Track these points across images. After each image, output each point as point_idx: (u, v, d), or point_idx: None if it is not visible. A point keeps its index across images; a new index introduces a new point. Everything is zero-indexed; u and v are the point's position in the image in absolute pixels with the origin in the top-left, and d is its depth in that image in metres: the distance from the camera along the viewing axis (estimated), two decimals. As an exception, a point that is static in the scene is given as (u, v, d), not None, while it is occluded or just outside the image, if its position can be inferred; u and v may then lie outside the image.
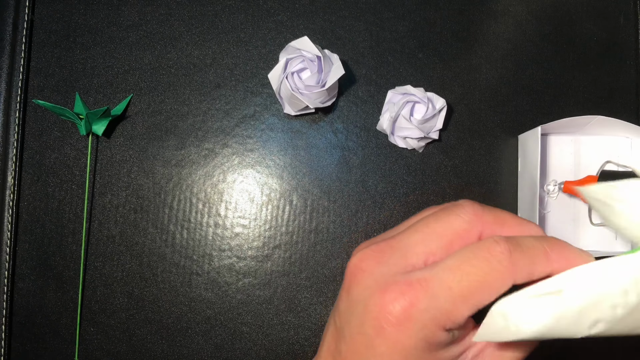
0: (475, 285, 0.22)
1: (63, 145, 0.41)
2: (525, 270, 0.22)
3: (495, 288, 0.22)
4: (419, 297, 0.23)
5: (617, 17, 0.42)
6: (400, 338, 0.23)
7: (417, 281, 0.23)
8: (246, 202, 0.41)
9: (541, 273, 0.23)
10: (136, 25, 0.42)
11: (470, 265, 0.23)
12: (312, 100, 0.38)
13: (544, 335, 0.21)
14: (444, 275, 0.23)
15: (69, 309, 0.40)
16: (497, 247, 0.23)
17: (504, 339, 0.21)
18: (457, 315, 0.23)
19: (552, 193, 0.40)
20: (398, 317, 0.23)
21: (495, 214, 0.25)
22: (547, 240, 0.23)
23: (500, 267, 0.22)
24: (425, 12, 0.42)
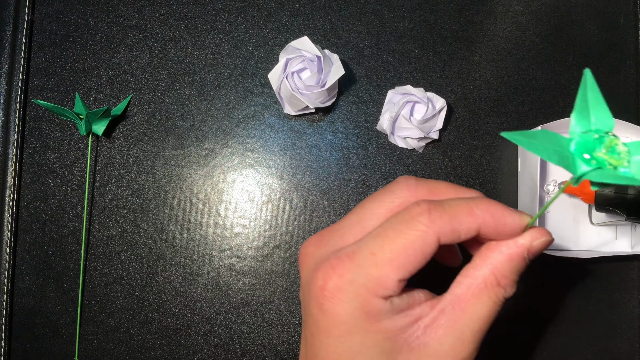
0: (396, 247, 0.23)
1: (63, 145, 0.41)
2: (448, 227, 0.23)
3: (419, 248, 0.23)
4: (347, 267, 0.23)
5: (617, 17, 0.42)
6: (336, 310, 0.23)
7: (346, 254, 0.24)
8: (246, 202, 0.41)
9: (468, 229, 0.23)
10: (136, 25, 0.42)
11: (392, 229, 0.23)
12: (312, 100, 0.38)
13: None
14: (369, 243, 0.23)
15: (69, 309, 0.40)
16: (417, 209, 0.23)
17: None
18: (386, 280, 0.23)
19: (552, 193, 0.40)
20: (331, 291, 0.23)
21: (430, 186, 0.26)
22: (474, 199, 0.24)
23: (420, 225, 0.23)
24: (425, 12, 0.42)
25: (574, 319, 0.40)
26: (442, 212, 0.23)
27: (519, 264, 0.24)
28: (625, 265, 0.40)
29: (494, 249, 0.24)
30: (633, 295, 0.40)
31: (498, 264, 0.24)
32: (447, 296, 0.24)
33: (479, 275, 0.24)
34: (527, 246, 0.24)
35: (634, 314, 0.40)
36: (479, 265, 0.24)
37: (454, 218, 0.23)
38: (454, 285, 0.24)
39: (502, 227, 0.23)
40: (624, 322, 0.40)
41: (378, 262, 0.23)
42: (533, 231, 0.24)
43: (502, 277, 0.24)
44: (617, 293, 0.40)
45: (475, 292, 0.24)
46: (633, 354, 0.40)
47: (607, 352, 0.40)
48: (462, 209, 0.23)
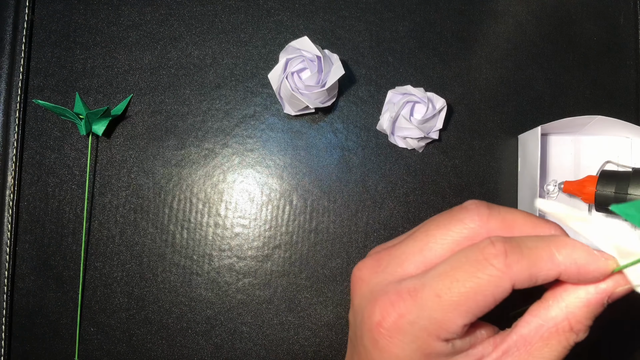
0: (465, 292, 0.21)
1: (63, 145, 0.41)
2: (525, 274, 0.21)
3: (490, 294, 0.21)
4: (408, 307, 0.22)
5: (617, 17, 0.42)
6: (393, 350, 0.22)
7: (407, 291, 0.22)
8: (246, 202, 0.41)
9: (547, 276, 0.21)
10: (136, 25, 0.42)
11: (461, 270, 0.21)
12: (312, 100, 0.38)
13: None
14: (434, 283, 0.22)
15: (69, 309, 0.40)
16: (491, 249, 0.21)
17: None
18: (449, 325, 0.21)
19: (552, 193, 0.40)
20: (389, 329, 0.22)
21: (504, 216, 0.23)
22: (555, 239, 0.21)
23: (494, 270, 0.21)
24: (425, 12, 0.42)
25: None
26: (520, 257, 0.21)
27: (597, 310, 0.22)
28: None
29: (571, 292, 0.22)
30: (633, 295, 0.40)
31: (574, 308, 0.22)
32: (512, 336, 0.22)
33: (551, 319, 0.22)
34: (609, 293, 0.22)
35: (633, 315, 0.40)
36: (552, 306, 0.22)
37: (532, 264, 0.21)
38: (521, 325, 0.22)
39: (584, 275, 0.21)
40: (624, 322, 0.40)
41: (444, 306, 0.21)
42: (618, 277, 0.22)
43: (576, 322, 0.22)
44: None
45: (544, 336, 0.22)
46: (633, 354, 0.40)
47: (606, 352, 0.40)
48: (543, 255, 0.21)
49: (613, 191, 0.35)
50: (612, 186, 0.35)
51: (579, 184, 0.37)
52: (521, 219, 0.23)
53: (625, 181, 0.35)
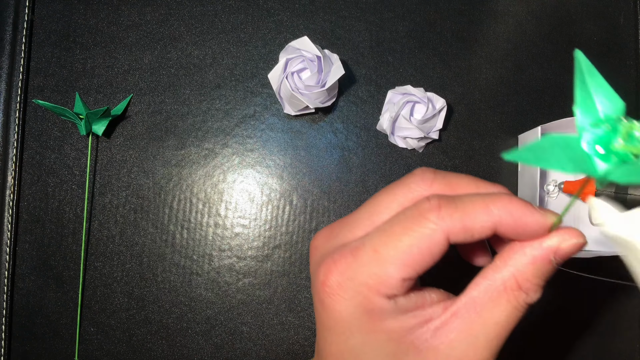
0: (401, 245, 0.21)
1: (63, 145, 0.41)
2: (459, 225, 0.21)
3: (426, 247, 0.21)
4: (348, 264, 0.22)
5: (617, 17, 0.42)
6: (337, 308, 0.22)
7: (349, 250, 0.23)
8: (246, 202, 0.41)
9: (482, 228, 0.21)
10: (136, 25, 0.42)
11: (398, 226, 0.22)
12: (312, 100, 0.38)
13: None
14: (373, 240, 0.22)
15: (69, 309, 0.40)
16: (426, 205, 0.22)
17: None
18: (387, 279, 0.21)
19: (552, 193, 0.40)
20: (331, 287, 0.22)
21: (449, 180, 0.24)
22: (493, 195, 0.22)
23: (428, 222, 0.21)
24: (425, 12, 0.42)
25: (573, 319, 0.40)
26: (454, 209, 0.21)
27: (544, 268, 0.22)
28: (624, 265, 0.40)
29: (517, 250, 0.22)
30: (633, 296, 0.40)
31: (520, 266, 0.22)
32: (462, 298, 0.22)
33: (499, 278, 0.22)
34: (554, 249, 0.22)
35: (634, 314, 0.40)
36: (500, 266, 0.22)
37: (466, 215, 0.21)
38: (471, 287, 0.23)
39: (522, 227, 0.21)
40: (624, 322, 0.40)
41: (381, 260, 0.21)
42: (563, 232, 0.22)
43: (524, 280, 0.22)
44: (617, 293, 0.40)
45: (493, 296, 0.22)
46: (633, 355, 0.40)
47: (606, 352, 0.40)
48: (477, 206, 0.21)
49: (613, 191, 0.35)
50: (612, 186, 0.35)
51: (578, 183, 0.37)
52: (465, 181, 0.24)
53: (625, 181, 0.35)
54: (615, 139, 0.18)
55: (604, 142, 0.18)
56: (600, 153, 0.18)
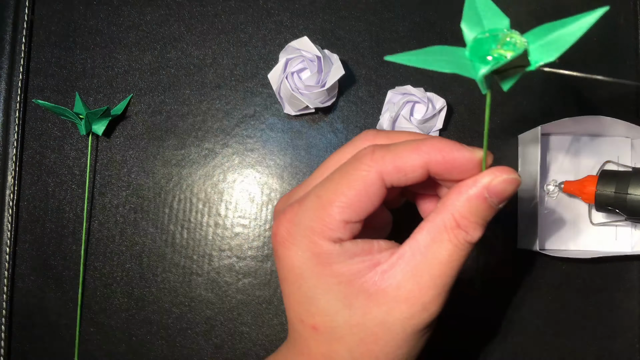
0: (340, 188, 0.22)
1: (63, 145, 0.41)
2: (390, 165, 0.22)
3: (362, 189, 0.22)
4: (295, 212, 0.23)
5: (617, 17, 0.42)
6: (287, 254, 0.23)
7: (297, 201, 0.24)
8: (246, 202, 0.41)
9: (412, 167, 0.22)
10: (136, 25, 0.42)
11: (338, 172, 0.23)
12: (312, 100, 0.38)
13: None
14: (316, 188, 0.24)
15: (68, 309, 0.40)
16: (362, 151, 0.23)
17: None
18: (329, 221, 0.22)
19: (552, 193, 0.40)
20: (282, 236, 0.24)
21: (389, 135, 0.25)
22: (424, 138, 0.23)
23: (362, 165, 0.22)
24: (425, 13, 0.42)
25: (573, 319, 0.40)
26: (386, 152, 0.22)
27: (480, 205, 0.22)
28: (625, 265, 0.40)
29: (455, 191, 0.23)
30: (633, 296, 0.40)
31: (458, 205, 0.23)
32: (408, 242, 0.23)
33: (440, 219, 0.23)
34: (486, 185, 0.22)
35: (633, 315, 0.40)
36: (440, 209, 0.23)
37: (397, 156, 0.22)
38: (416, 231, 0.24)
39: (450, 162, 0.22)
40: (624, 322, 0.40)
41: (322, 204, 0.23)
42: (494, 169, 0.23)
43: (461, 218, 0.22)
44: (616, 293, 0.40)
45: (435, 236, 0.23)
46: (633, 355, 0.40)
47: (606, 352, 0.40)
48: (407, 148, 0.23)
49: (613, 191, 0.35)
50: (613, 186, 0.35)
51: (579, 183, 0.37)
52: (405, 135, 0.25)
53: (626, 181, 0.35)
54: (494, 46, 0.20)
55: (483, 49, 0.20)
56: (480, 57, 0.20)
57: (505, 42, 0.20)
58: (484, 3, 0.21)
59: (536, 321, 0.40)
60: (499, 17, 0.21)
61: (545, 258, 0.40)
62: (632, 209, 0.35)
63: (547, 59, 0.21)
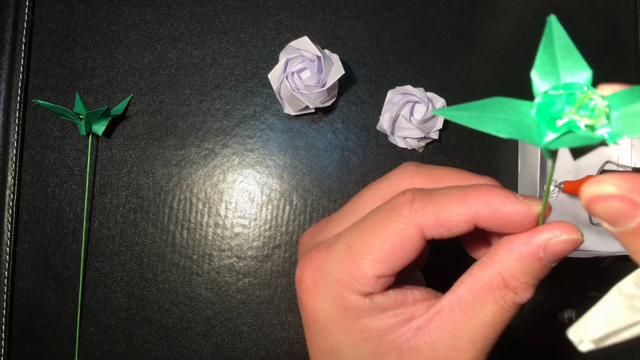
0: (373, 240, 0.20)
1: (63, 145, 0.41)
2: (432, 219, 0.20)
3: (398, 242, 0.20)
4: (322, 259, 0.21)
5: (617, 17, 0.42)
6: (312, 305, 0.22)
7: (324, 246, 0.22)
8: (246, 202, 0.41)
9: (458, 222, 0.20)
10: (136, 25, 0.42)
11: (371, 220, 0.21)
12: (312, 100, 0.38)
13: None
14: (346, 235, 0.21)
15: (69, 309, 0.40)
16: (400, 199, 0.20)
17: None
18: (360, 275, 0.20)
19: (552, 193, 0.40)
20: (307, 284, 0.22)
21: (431, 172, 0.23)
22: (472, 187, 0.20)
23: (400, 217, 0.20)
24: (425, 12, 0.42)
25: (573, 319, 0.40)
26: (427, 202, 0.20)
27: (534, 265, 0.20)
28: (625, 265, 0.40)
29: (505, 245, 0.20)
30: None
31: (507, 263, 0.20)
32: (447, 296, 0.21)
33: (485, 275, 0.20)
34: (542, 244, 0.19)
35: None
36: (487, 263, 0.20)
37: (439, 209, 0.20)
38: (457, 285, 0.21)
39: (502, 218, 0.19)
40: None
41: (353, 255, 0.20)
42: (554, 226, 0.19)
43: (511, 278, 0.20)
44: (617, 293, 0.40)
45: (478, 294, 0.20)
46: (633, 355, 0.40)
47: (607, 352, 0.40)
48: (451, 198, 0.20)
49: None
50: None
51: (578, 184, 0.37)
52: (449, 173, 0.22)
53: (626, 181, 0.35)
54: (569, 107, 0.16)
55: (555, 109, 0.16)
56: (550, 120, 0.16)
57: (583, 104, 0.16)
58: (565, 45, 0.17)
59: (536, 321, 0.40)
60: (580, 66, 0.17)
61: (545, 258, 0.40)
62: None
63: (630, 134, 0.16)
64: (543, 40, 0.17)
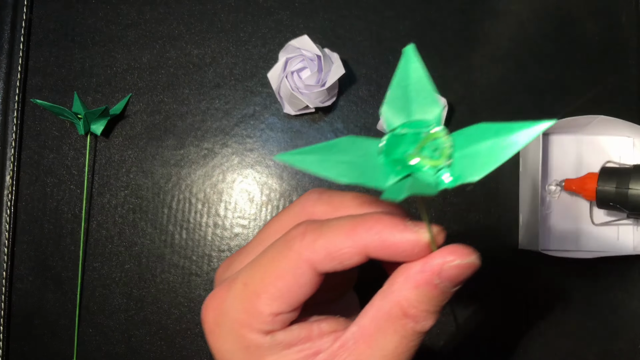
0: (267, 277, 0.20)
1: (61, 145, 0.41)
2: (322, 253, 0.19)
3: (291, 278, 0.19)
4: (223, 298, 0.21)
5: (619, 16, 0.42)
6: (217, 345, 0.21)
7: (226, 284, 0.21)
8: (246, 202, 0.41)
9: (349, 253, 0.19)
10: (135, 24, 0.42)
11: (265, 256, 0.20)
12: (312, 99, 0.38)
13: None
14: (243, 272, 0.21)
15: (67, 310, 0.40)
16: (292, 232, 0.20)
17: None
18: (256, 314, 0.20)
19: (553, 193, 0.40)
20: (210, 325, 0.21)
21: (331, 200, 0.22)
22: (363, 216, 0.20)
23: (290, 252, 0.19)
24: (426, 12, 0.42)
25: (574, 319, 0.40)
26: (318, 235, 0.19)
27: (430, 293, 0.19)
28: (626, 265, 0.40)
29: (402, 274, 0.19)
30: (634, 296, 0.40)
31: (404, 292, 0.19)
32: (351, 328, 0.20)
33: (385, 305, 0.20)
34: (435, 271, 0.19)
35: (635, 315, 0.40)
36: (386, 292, 0.20)
37: (329, 241, 0.19)
38: (361, 315, 0.20)
39: (392, 248, 0.19)
40: (625, 323, 0.40)
41: (249, 294, 0.20)
42: (446, 251, 0.19)
43: (410, 307, 0.19)
44: (618, 294, 0.40)
45: (380, 324, 0.20)
46: (635, 355, 0.40)
47: (608, 352, 0.40)
48: (342, 230, 0.19)
49: (614, 187, 0.35)
50: (613, 182, 0.35)
51: (580, 181, 0.37)
52: (349, 200, 0.22)
53: (626, 176, 0.35)
54: (412, 148, 0.16)
55: (398, 150, 0.16)
56: (392, 162, 0.16)
57: (427, 144, 0.16)
58: (420, 78, 0.16)
59: (538, 322, 0.40)
60: (431, 101, 0.16)
61: (546, 258, 0.40)
62: (634, 204, 0.34)
63: (469, 177, 0.16)
64: (397, 72, 0.16)
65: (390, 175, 0.16)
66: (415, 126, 0.16)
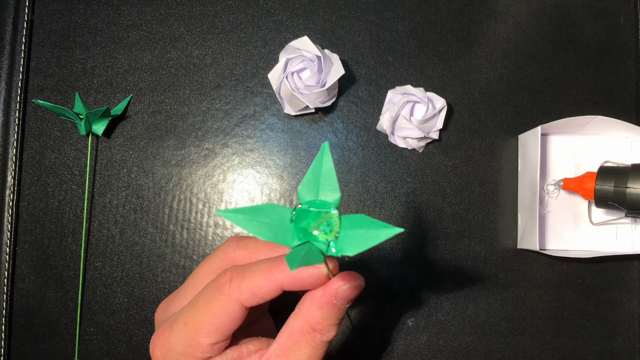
0: (204, 317, 0.25)
1: (63, 145, 0.41)
2: (248, 293, 0.24)
3: (224, 315, 0.24)
4: (167, 337, 0.26)
5: (617, 16, 0.42)
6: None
7: (169, 323, 0.26)
8: (246, 202, 0.41)
9: (269, 291, 0.24)
10: (136, 25, 0.42)
11: (201, 299, 0.25)
12: (312, 100, 0.38)
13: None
14: (184, 313, 0.25)
15: (68, 309, 0.40)
16: (221, 278, 0.25)
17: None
18: (198, 347, 0.25)
19: (552, 193, 0.40)
20: (158, 358, 0.26)
21: (248, 245, 0.27)
22: (275, 259, 0.25)
23: (221, 295, 0.24)
24: (425, 12, 0.42)
25: (573, 319, 0.40)
26: (242, 280, 0.24)
27: (331, 310, 0.25)
28: (625, 265, 0.40)
29: (308, 298, 0.25)
30: (633, 295, 0.40)
31: (311, 312, 0.25)
32: (273, 345, 0.26)
33: (297, 324, 0.25)
34: (333, 293, 0.24)
35: (634, 314, 0.40)
36: (297, 314, 0.25)
37: (252, 284, 0.24)
38: (279, 334, 0.26)
39: (301, 282, 0.24)
40: (624, 322, 0.40)
41: (190, 331, 0.25)
42: (339, 278, 0.24)
43: (316, 323, 0.25)
44: (617, 293, 0.40)
45: (295, 340, 0.25)
46: (633, 354, 0.40)
47: (607, 352, 0.40)
48: (261, 273, 0.24)
49: (612, 185, 0.35)
50: (611, 181, 0.35)
51: (578, 180, 0.37)
52: (262, 245, 0.27)
53: (624, 175, 0.35)
54: (313, 222, 0.21)
55: (303, 222, 0.21)
56: (297, 230, 0.21)
57: (324, 222, 0.21)
58: (328, 170, 0.21)
59: (537, 321, 0.40)
60: (333, 188, 0.21)
61: (545, 258, 0.40)
62: (632, 203, 0.35)
63: (347, 252, 0.21)
64: (313, 163, 0.22)
65: (295, 239, 0.21)
66: (319, 205, 0.21)
